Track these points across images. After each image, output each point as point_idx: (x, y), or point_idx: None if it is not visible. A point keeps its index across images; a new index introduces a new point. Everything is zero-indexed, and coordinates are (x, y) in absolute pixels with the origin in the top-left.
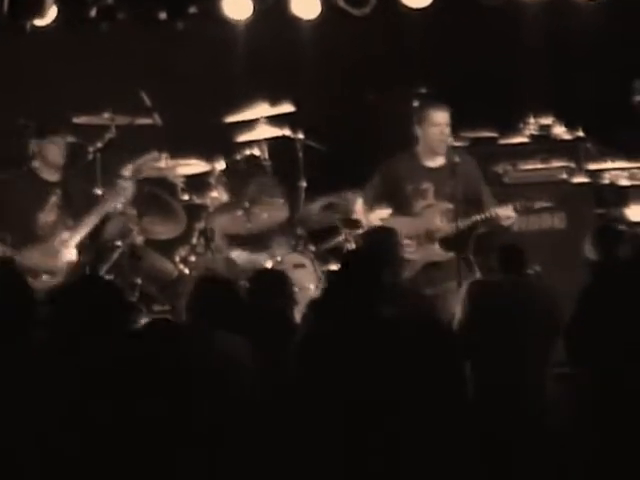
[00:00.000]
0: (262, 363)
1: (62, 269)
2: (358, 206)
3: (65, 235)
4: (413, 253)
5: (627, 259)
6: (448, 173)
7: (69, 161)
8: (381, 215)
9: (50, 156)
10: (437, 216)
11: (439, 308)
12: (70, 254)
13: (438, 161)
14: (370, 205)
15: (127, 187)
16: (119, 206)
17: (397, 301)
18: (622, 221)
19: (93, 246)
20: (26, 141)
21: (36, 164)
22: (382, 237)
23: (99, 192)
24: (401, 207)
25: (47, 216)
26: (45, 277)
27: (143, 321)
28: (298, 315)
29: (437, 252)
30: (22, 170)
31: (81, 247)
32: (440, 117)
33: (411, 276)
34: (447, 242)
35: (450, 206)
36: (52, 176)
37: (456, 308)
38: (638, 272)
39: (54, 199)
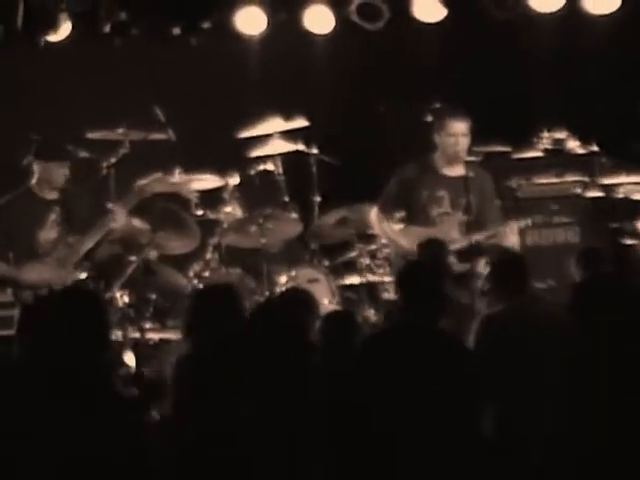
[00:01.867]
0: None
1: (62, 286)
2: (373, 214)
3: (64, 252)
4: None
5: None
6: (465, 184)
7: (73, 178)
8: (394, 227)
9: (52, 177)
10: (454, 227)
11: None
12: (69, 272)
13: (456, 171)
14: (385, 212)
15: (117, 212)
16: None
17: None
18: (636, 235)
19: (90, 265)
20: (28, 159)
21: (34, 182)
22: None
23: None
24: (416, 214)
25: (48, 233)
26: (27, 293)
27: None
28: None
29: (454, 264)
30: (21, 189)
31: (78, 266)
32: (457, 127)
33: None
34: (462, 255)
35: (465, 217)
36: (51, 194)
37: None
38: None
39: (53, 217)
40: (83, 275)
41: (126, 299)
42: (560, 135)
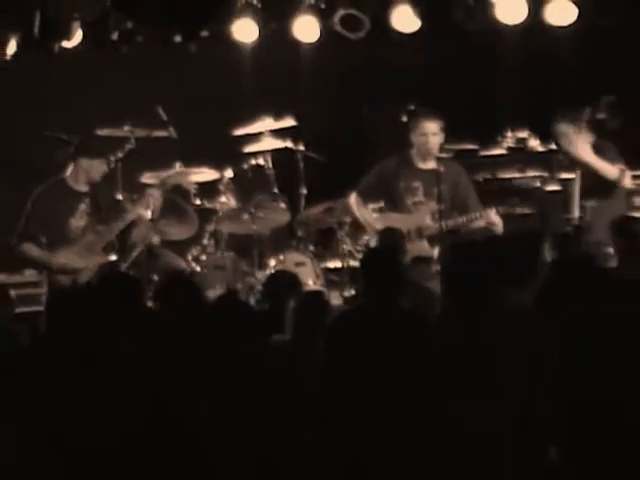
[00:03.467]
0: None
1: (91, 268)
2: (352, 198)
3: (93, 238)
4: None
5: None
6: (438, 175)
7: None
8: (372, 212)
9: (93, 174)
10: (427, 215)
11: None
12: (98, 256)
13: (429, 165)
14: (364, 197)
15: (154, 196)
16: (147, 213)
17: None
18: None
19: (120, 248)
20: (64, 154)
21: (68, 175)
22: (392, 237)
23: (121, 198)
24: (393, 202)
25: (78, 221)
26: (76, 275)
27: None
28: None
29: (425, 248)
30: (54, 180)
31: (108, 249)
32: (429, 127)
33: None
34: (434, 240)
35: (438, 206)
36: (82, 187)
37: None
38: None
39: (83, 207)
40: (111, 258)
41: None
42: (522, 135)
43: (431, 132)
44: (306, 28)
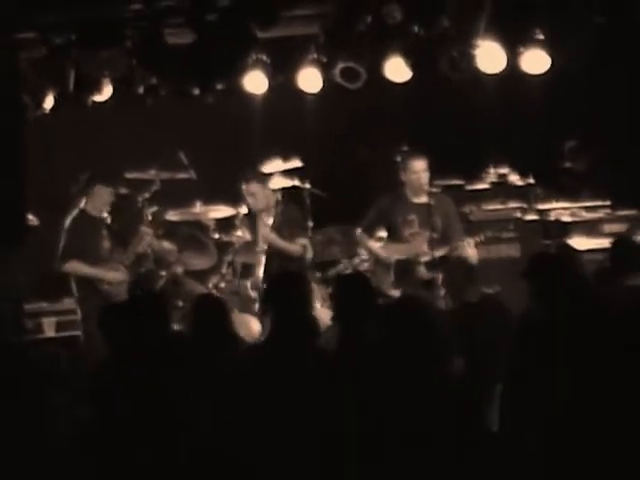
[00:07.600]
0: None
1: (119, 283)
2: (357, 234)
3: (117, 259)
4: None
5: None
6: (429, 209)
7: (117, 207)
8: (376, 244)
9: (103, 196)
10: (423, 243)
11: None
12: (123, 273)
13: (422, 199)
14: (368, 232)
15: (147, 233)
16: (147, 247)
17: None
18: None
19: (140, 269)
20: (77, 188)
21: (86, 204)
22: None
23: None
24: (392, 234)
25: (105, 243)
26: (106, 287)
27: None
28: None
29: (423, 272)
30: (76, 212)
31: (130, 268)
32: (418, 166)
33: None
34: (431, 265)
35: (432, 235)
36: (100, 213)
37: None
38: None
39: (105, 232)
40: (139, 273)
41: None
42: (503, 171)
43: (422, 170)
44: (310, 80)
